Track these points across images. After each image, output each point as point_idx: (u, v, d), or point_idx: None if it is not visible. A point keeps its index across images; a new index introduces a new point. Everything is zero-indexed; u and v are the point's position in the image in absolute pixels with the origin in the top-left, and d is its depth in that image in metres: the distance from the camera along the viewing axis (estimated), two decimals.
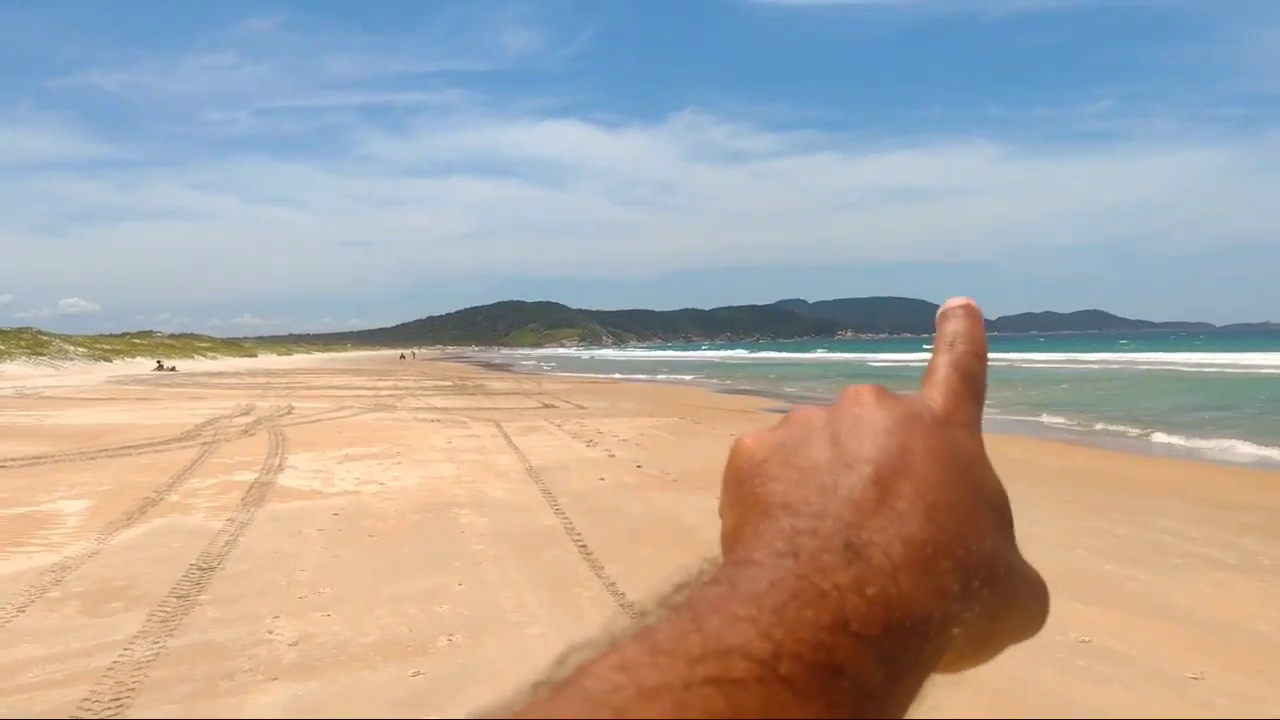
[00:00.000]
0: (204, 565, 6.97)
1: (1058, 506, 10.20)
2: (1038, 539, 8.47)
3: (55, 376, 50.56)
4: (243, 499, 9.82)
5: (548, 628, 5.58)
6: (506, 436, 16.43)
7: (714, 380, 48.45)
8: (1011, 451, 15.62)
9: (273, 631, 5.46)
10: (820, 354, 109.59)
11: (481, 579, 6.73)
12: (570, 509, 9.50)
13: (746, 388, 40.32)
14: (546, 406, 26.03)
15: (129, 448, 14.50)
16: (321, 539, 8.00)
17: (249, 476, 11.36)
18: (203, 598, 6.15)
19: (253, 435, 16.55)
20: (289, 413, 22.65)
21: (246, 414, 22.15)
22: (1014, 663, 4.94)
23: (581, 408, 25.52)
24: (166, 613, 5.79)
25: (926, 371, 0.48)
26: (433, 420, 20.18)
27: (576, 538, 8.10)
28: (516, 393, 33.85)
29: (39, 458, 13.11)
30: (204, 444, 15.01)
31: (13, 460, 12.76)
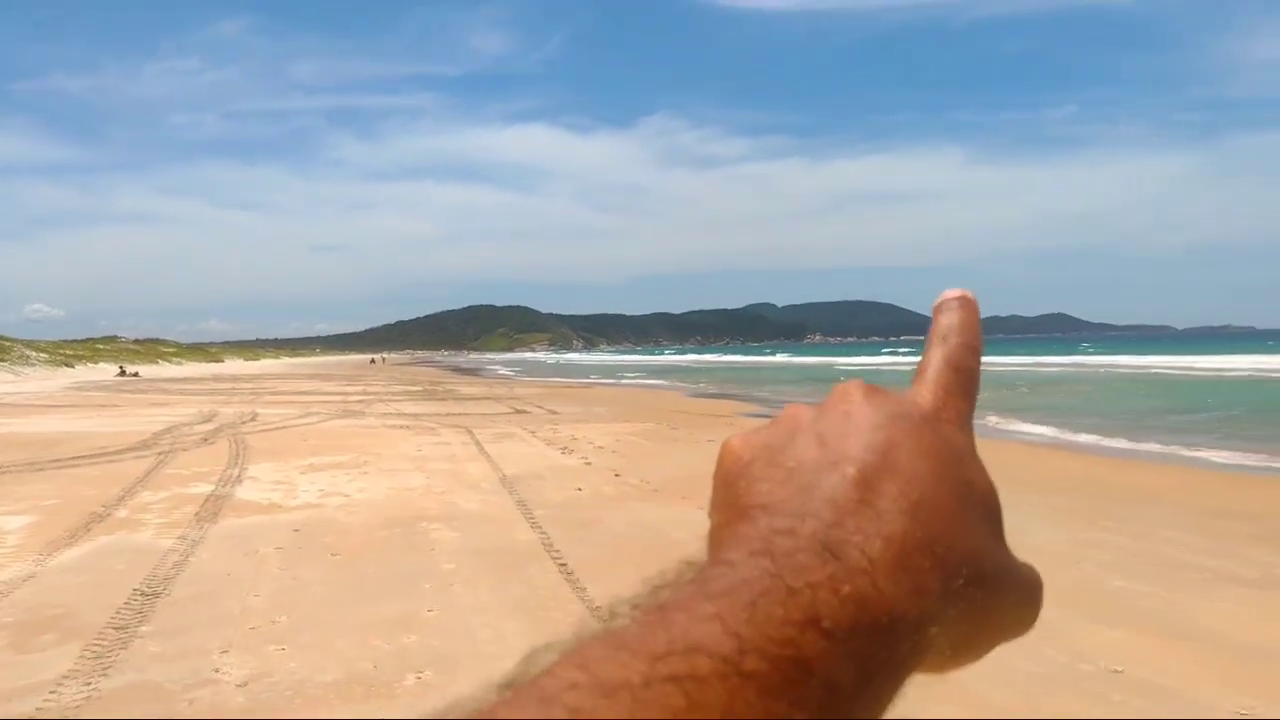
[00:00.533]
0: (148, 590, 6.39)
1: (1050, 515, 9.82)
2: (1036, 551, 8.02)
3: (15, 383, 49.24)
4: (196, 514, 9.21)
5: None
6: (479, 444, 15.87)
7: (687, 384, 48.01)
8: (987, 455, 15.21)
9: (220, 670, 4.91)
10: (784, 358, 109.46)
11: (453, 603, 6.20)
12: (547, 522, 8.98)
13: (720, 392, 39.95)
14: (519, 412, 25.48)
15: (81, 458, 13.81)
16: (279, 559, 7.43)
17: (205, 489, 10.73)
18: (144, 629, 5.57)
19: (212, 444, 15.87)
20: (252, 419, 21.94)
21: (208, 421, 21.42)
22: (1044, 696, 4.50)
23: (554, 413, 24.99)
24: (102, 647, 5.21)
25: (919, 366, 0.46)
26: (402, 427, 19.56)
27: (555, 555, 7.59)
28: (488, 398, 33.25)
29: None
30: (160, 453, 14.33)
31: None
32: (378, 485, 11.18)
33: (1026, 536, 8.60)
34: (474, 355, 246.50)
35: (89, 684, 4.66)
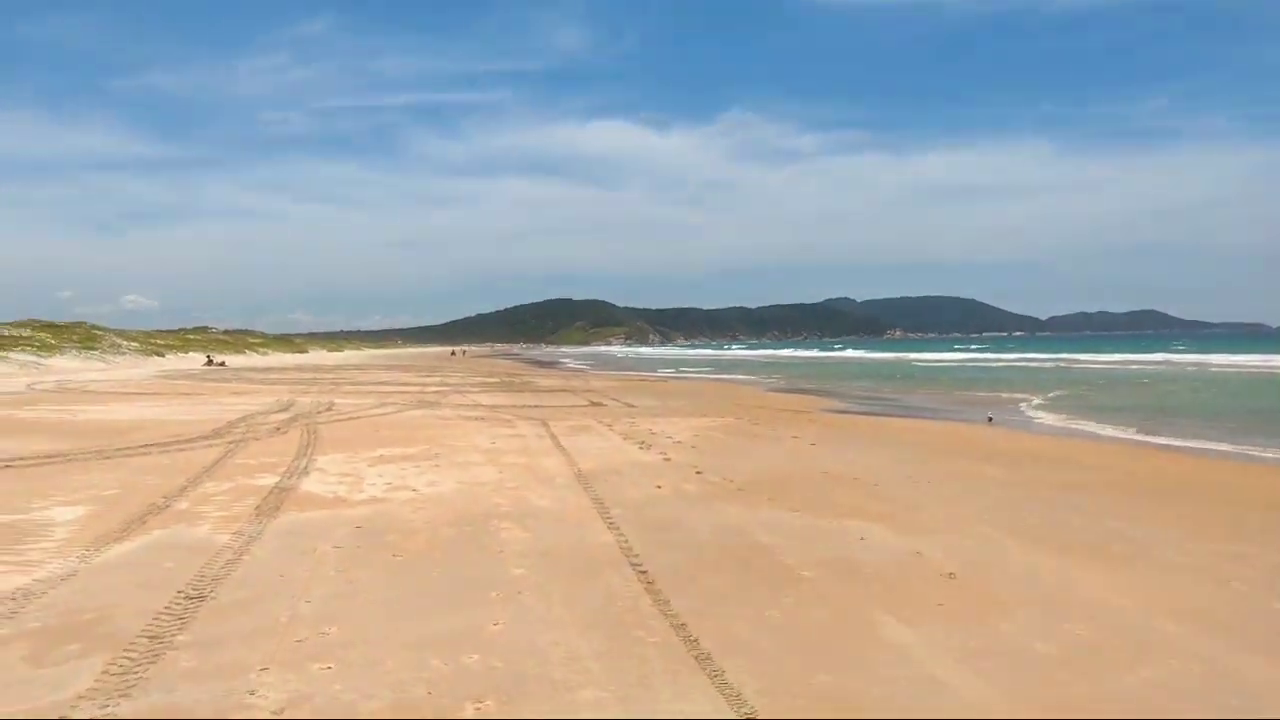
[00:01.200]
0: (194, 592, 5.85)
1: (1177, 524, 8.78)
2: (1173, 566, 7.09)
3: (105, 370, 50.56)
4: (257, 507, 8.73)
5: (604, 690, 4.36)
6: (554, 437, 15.27)
7: (765, 379, 46.96)
8: (1087, 458, 14.18)
9: (255, 691, 4.30)
10: (857, 353, 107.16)
11: (522, 615, 5.52)
12: (625, 523, 8.27)
13: (798, 387, 38.87)
14: (595, 405, 24.89)
15: (151, 446, 13.58)
16: (337, 559, 6.85)
17: (270, 480, 10.29)
18: (181, 638, 5.01)
19: (284, 433, 15.57)
20: (328, 409, 21.74)
21: (284, 410, 21.27)
22: None
23: (631, 406, 24.34)
24: (131, 660, 4.65)
25: None
26: (476, 419, 19.10)
27: (634, 560, 6.87)
28: (564, 390, 32.79)
29: (51, 456, 12.18)
30: (232, 442, 14.04)
31: (21, 459, 11.84)
32: (448, 479, 10.62)
33: (1158, 549, 7.61)
34: (551, 348, 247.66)
35: (105, 706, 4.09)
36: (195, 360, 68.42)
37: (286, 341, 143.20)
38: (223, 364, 62.70)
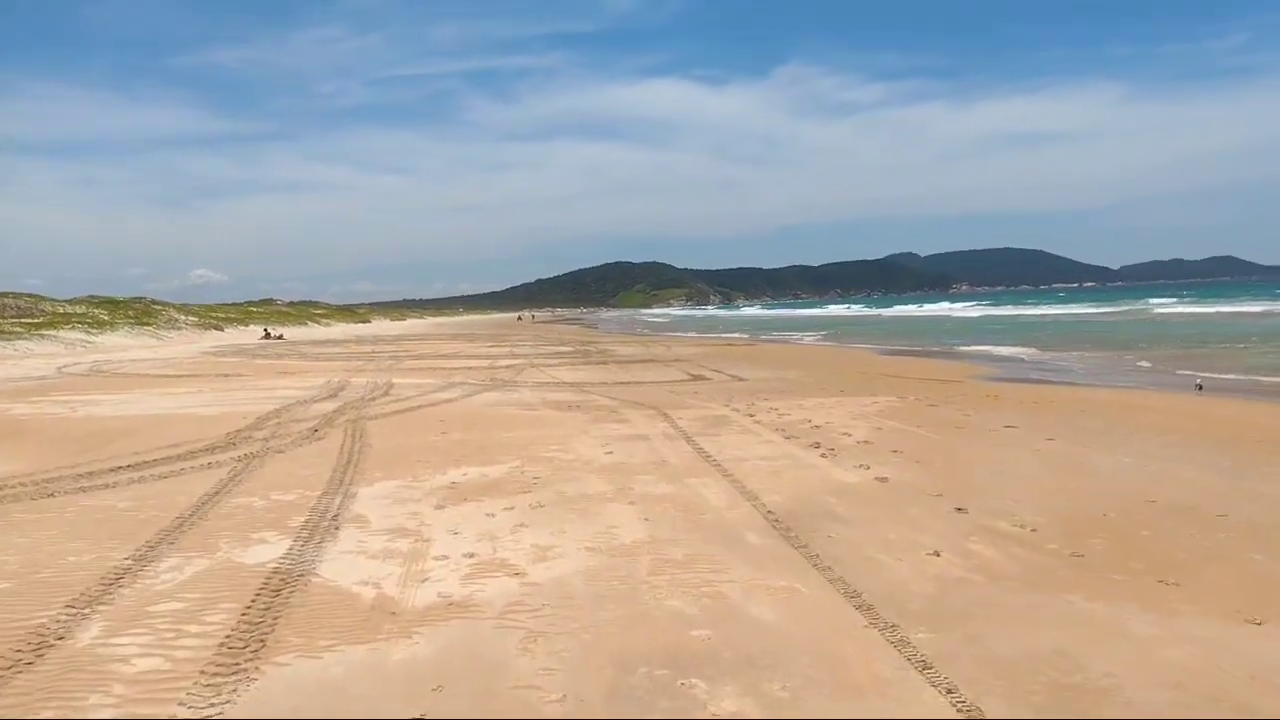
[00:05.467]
0: None
1: None
2: None
3: (155, 348, 47.53)
4: (221, 645, 4.56)
5: None
6: (686, 437, 10.96)
7: (859, 340, 42.11)
8: (1227, 412, 9.53)
9: None
10: (933, 309, 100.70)
11: None
12: (957, 674, 3.97)
13: (910, 348, 34.09)
14: (696, 378, 20.62)
15: (137, 466, 9.61)
16: None
17: (268, 555, 6.10)
18: None
19: (322, 438, 11.50)
20: (385, 394, 17.73)
21: (332, 396, 17.31)
22: None
23: (741, 380, 20.01)
24: None
25: None
26: (570, 406, 14.85)
27: None
28: (650, 360, 28.52)
29: None
30: (244, 458, 10.00)
31: None
32: (567, 542, 6.35)
33: None
34: (613, 312, 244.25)
35: None
36: (254, 334, 65.48)
37: (350, 312, 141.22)
38: (280, 337, 59.58)
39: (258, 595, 5.20)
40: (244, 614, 4.91)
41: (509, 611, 4.96)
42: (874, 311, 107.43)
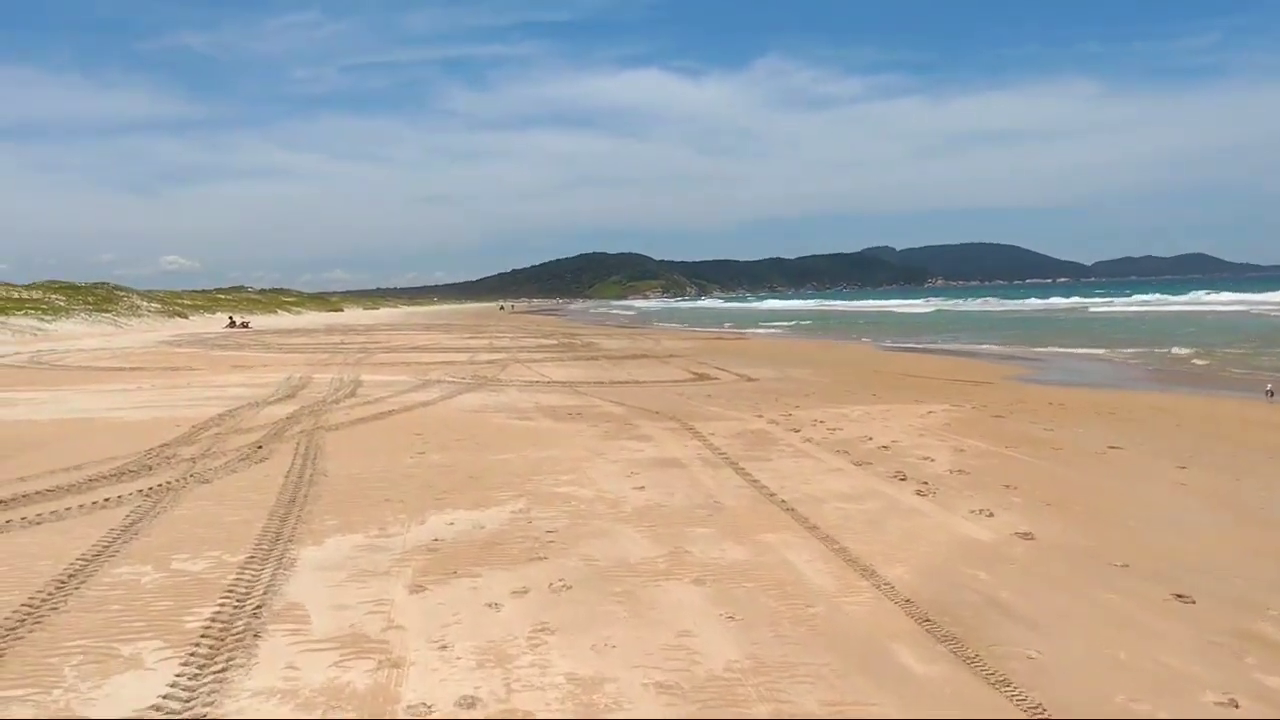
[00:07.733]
0: None
1: None
2: None
3: (111, 336, 44.62)
4: None
5: None
6: (733, 464, 8.62)
7: (858, 335, 39.93)
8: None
9: None
10: (916, 303, 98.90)
11: None
12: None
13: (917, 345, 31.94)
14: (701, 378, 18.37)
15: (9, 502, 7.19)
16: None
17: (125, 709, 3.73)
18: None
19: (266, 458, 9.09)
20: (351, 394, 15.32)
21: (288, 397, 14.88)
22: None
23: (751, 380, 17.79)
24: None
25: None
26: (571, 415, 12.48)
27: None
28: (642, 355, 26.21)
29: None
30: (159, 489, 7.59)
31: None
32: (621, 672, 3.98)
33: None
34: (587, 303, 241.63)
35: None
36: (219, 322, 62.50)
37: (322, 300, 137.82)
38: (245, 326, 56.66)
39: None
40: None
41: None
42: (856, 305, 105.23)
